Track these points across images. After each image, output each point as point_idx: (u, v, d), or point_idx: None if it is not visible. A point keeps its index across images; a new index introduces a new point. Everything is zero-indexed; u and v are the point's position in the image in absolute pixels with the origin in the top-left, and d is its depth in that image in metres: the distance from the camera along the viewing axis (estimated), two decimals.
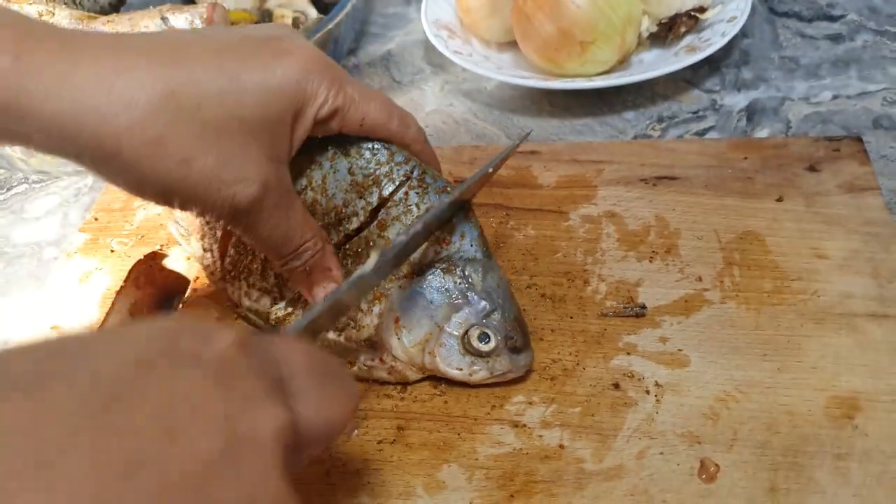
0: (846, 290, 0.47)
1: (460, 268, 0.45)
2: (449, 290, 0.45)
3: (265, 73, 0.39)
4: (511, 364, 0.45)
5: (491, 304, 0.45)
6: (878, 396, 0.42)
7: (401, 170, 0.46)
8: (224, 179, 0.38)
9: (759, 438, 0.41)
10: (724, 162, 0.57)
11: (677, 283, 0.50)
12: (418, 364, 0.45)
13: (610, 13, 0.63)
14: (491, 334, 0.44)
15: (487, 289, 0.45)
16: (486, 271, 0.45)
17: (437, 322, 0.44)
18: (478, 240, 0.46)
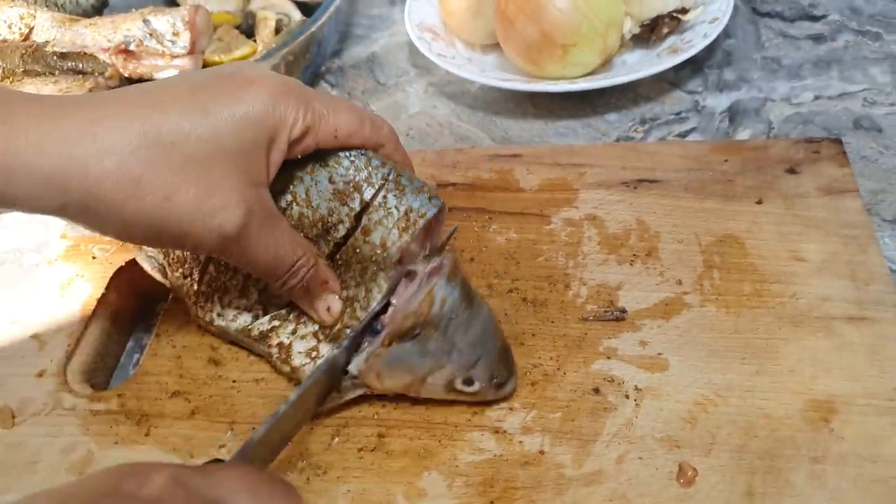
0: (824, 293, 0.48)
1: (441, 330, 0.43)
2: (430, 352, 0.43)
3: (235, 103, 0.40)
4: (495, 395, 0.45)
5: (474, 356, 0.44)
6: (855, 400, 0.43)
7: (378, 174, 0.47)
8: (207, 211, 0.39)
9: (736, 442, 0.42)
10: (705, 164, 0.57)
11: (657, 287, 0.50)
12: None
13: (591, 16, 0.64)
14: (476, 380, 0.44)
15: (470, 342, 0.44)
16: (469, 324, 0.44)
17: (420, 377, 0.44)
18: (458, 299, 0.44)
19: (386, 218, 0.46)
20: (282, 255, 0.43)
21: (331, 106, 0.44)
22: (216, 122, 0.39)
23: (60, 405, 0.49)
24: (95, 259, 0.57)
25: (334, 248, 0.47)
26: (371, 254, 0.46)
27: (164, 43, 0.70)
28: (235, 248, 0.41)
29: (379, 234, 0.46)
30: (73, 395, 0.49)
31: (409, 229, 0.46)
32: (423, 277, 0.45)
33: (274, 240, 0.43)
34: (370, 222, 0.46)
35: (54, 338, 0.53)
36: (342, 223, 0.47)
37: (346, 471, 0.43)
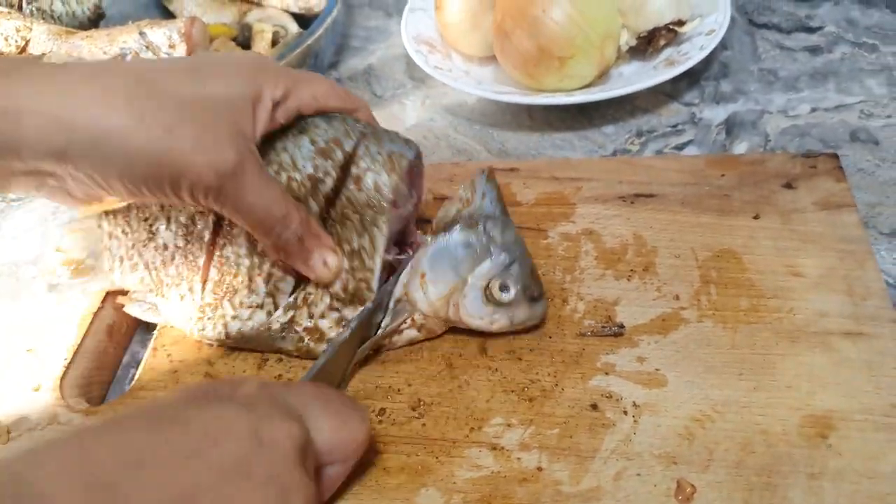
0: (821, 308, 0.48)
1: (481, 224, 0.49)
2: (471, 244, 0.48)
3: (221, 65, 0.45)
4: (529, 313, 0.48)
5: (510, 257, 0.48)
6: (852, 415, 0.43)
7: (355, 128, 0.49)
8: (205, 146, 0.41)
9: (734, 458, 0.42)
10: (702, 179, 0.57)
11: (655, 302, 0.50)
12: (443, 316, 0.48)
13: (588, 29, 0.64)
14: (511, 285, 0.47)
15: (506, 243, 0.48)
16: (504, 227, 0.49)
17: (461, 275, 0.48)
18: (496, 199, 0.51)
19: (372, 164, 0.48)
20: (274, 203, 0.44)
21: (307, 75, 0.48)
22: (205, 77, 0.43)
23: (56, 420, 0.49)
24: None
25: (326, 203, 0.48)
26: (366, 200, 0.48)
27: (161, 55, 0.70)
28: (231, 187, 0.42)
29: (369, 179, 0.48)
30: (69, 410, 0.49)
31: (395, 169, 0.48)
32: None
33: (268, 186, 0.44)
34: (358, 170, 0.48)
35: (50, 352, 0.53)
36: (329, 175, 0.48)
37: (344, 486, 0.43)
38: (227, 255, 0.49)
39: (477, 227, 0.49)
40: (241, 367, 0.50)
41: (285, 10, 0.82)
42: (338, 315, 0.48)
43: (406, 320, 0.49)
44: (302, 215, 0.46)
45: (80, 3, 0.81)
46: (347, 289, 0.48)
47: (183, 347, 0.52)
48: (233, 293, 0.49)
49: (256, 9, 0.83)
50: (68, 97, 0.39)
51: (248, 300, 0.49)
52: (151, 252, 0.51)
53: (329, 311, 0.48)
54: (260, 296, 0.49)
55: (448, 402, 0.46)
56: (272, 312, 0.49)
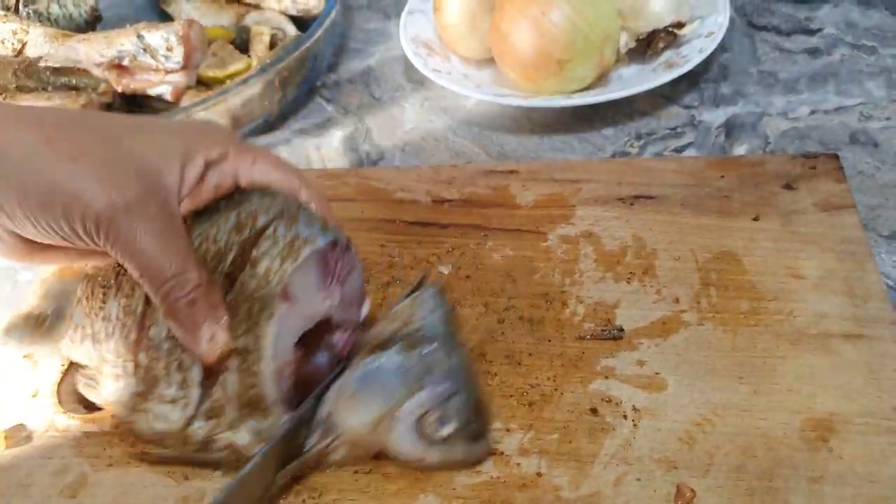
0: (821, 311, 0.48)
1: (422, 347, 0.43)
2: (409, 369, 0.42)
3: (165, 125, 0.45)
4: (467, 452, 0.42)
5: (452, 387, 0.42)
6: (853, 418, 0.42)
7: (278, 205, 0.45)
8: (105, 177, 0.39)
9: (734, 462, 0.41)
10: (701, 180, 0.57)
11: (654, 305, 0.50)
12: (369, 441, 0.43)
13: (587, 31, 0.64)
14: (449, 419, 0.41)
15: (450, 369, 0.43)
16: (451, 351, 0.43)
17: (392, 403, 0.42)
18: (446, 318, 0.44)
19: (272, 247, 0.43)
20: (170, 255, 0.41)
21: (254, 146, 0.47)
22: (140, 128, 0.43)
23: (53, 426, 0.49)
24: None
25: (226, 283, 0.43)
26: (255, 288, 0.42)
27: (158, 58, 0.70)
28: (124, 225, 0.39)
29: (263, 265, 0.43)
30: (67, 416, 0.49)
31: (291, 256, 0.43)
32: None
33: (167, 235, 0.41)
34: (258, 253, 0.43)
35: (47, 357, 0.52)
36: (231, 251, 0.44)
37: (342, 493, 0.43)
38: (151, 335, 0.44)
39: (416, 350, 0.43)
40: None
41: (283, 12, 0.82)
42: (252, 426, 0.43)
43: (333, 442, 0.43)
44: (202, 280, 0.41)
45: (77, 5, 0.81)
46: (243, 394, 0.42)
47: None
48: (155, 383, 0.44)
49: (254, 11, 0.83)
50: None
51: (167, 392, 0.44)
52: (99, 324, 0.46)
53: (238, 421, 0.43)
54: (173, 387, 0.43)
55: None
56: (190, 414, 0.43)
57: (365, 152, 0.70)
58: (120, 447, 0.47)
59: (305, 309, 0.44)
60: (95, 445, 0.47)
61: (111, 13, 0.85)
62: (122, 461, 0.46)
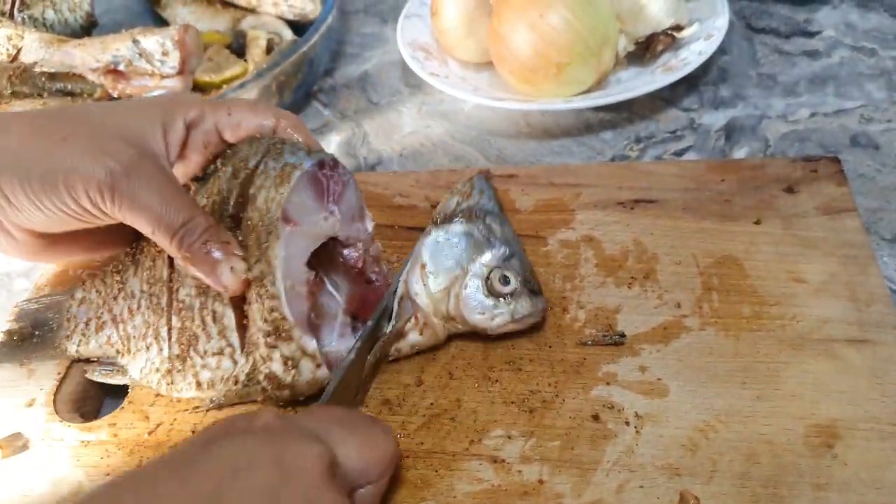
0: (824, 315, 0.47)
1: (481, 217, 0.50)
2: (472, 235, 0.49)
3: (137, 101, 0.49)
4: (531, 306, 0.47)
5: (510, 249, 0.48)
6: (857, 424, 0.42)
7: (264, 145, 0.48)
8: (97, 149, 0.42)
9: (738, 469, 0.41)
10: (702, 184, 0.56)
11: (656, 310, 0.49)
12: (443, 312, 0.48)
13: (586, 34, 0.63)
14: (511, 276, 0.47)
15: (506, 237, 0.49)
16: (502, 222, 0.51)
17: (462, 265, 0.48)
18: (494, 198, 0.52)
19: (265, 181, 0.46)
20: (175, 205, 0.43)
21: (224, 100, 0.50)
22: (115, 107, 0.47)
23: (50, 435, 0.48)
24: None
25: (233, 223, 0.46)
26: (259, 219, 0.46)
27: (154, 63, 0.69)
28: (125, 186, 0.42)
29: (261, 197, 0.46)
30: (63, 425, 0.49)
31: (284, 182, 0.46)
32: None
33: (165, 188, 0.44)
34: (254, 189, 0.46)
35: (43, 366, 0.52)
36: (231, 195, 0.47)
37: None
38: (182, 297, 0.47)
39: (477, 220, 0.49)
40: None
41: (280, 16, 0.82)
42: (280, 355, 0.45)
43: (409, 320, 0.48)
44: (209, 223, 0.44)
45: (73, 10, 0.80)
46: (267, 319, 0.45)
47: None
48: (195, 340, 0.46)
49: (251, 16, 0.82)
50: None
51: (209, 346, 0.46)
52: (120, 304, 0.49)
53: (269, 349, 0.45)
54: (215, 338, 0.46)
55: (447, 414, 0.46)
56: (236, 360, 0.46)
57: (363, 157, 0.70)
58: (117, 456, 0.46)
59: (308, 227, 0.47)
60: (92, 455, 0.47)
61: (107, 18, 0.84)
62: (120, 470, 0.46)
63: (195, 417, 0.48)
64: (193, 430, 0.47)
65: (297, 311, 0.45)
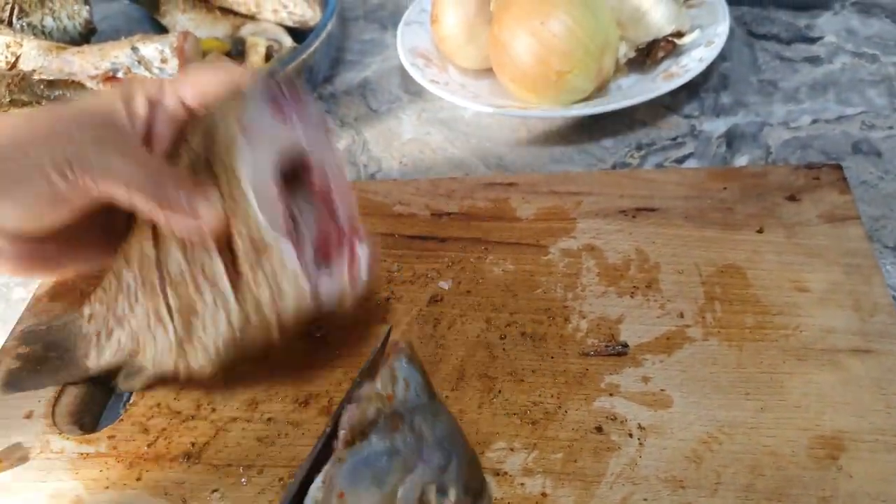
0: (828, 325, 0.47)
1: (407, 422, 0.40)
2: (398, 450, 0.39)
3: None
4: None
5: (445, 456, 0.40)
6: (862, 436, 0.42)
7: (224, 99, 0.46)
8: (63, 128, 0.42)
9: (742, 482, 0.41)
10: (704, 192, 0.56)
11: (659, 320, 0.49)
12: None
13: (587, 41, 0.63)
14: (451, 486, 0.39)
15: (439, 437, 0.40)
16: (435, 417, 0.41)
17: (388, 489, 0.39)
18: (422, 384, 0.42)
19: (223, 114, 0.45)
20: (146, 163, 0.43)
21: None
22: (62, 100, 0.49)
23: (49, 448, 0.48)
24: (84, 295, 0.56)
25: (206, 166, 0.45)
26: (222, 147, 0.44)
27: (153, 70, 0.69)
28: (95, 155, 0.42)
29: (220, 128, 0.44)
30: (62, 438, 0.48)
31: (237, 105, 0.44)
32: None
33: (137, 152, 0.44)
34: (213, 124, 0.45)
35: None
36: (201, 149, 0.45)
37: None
38: (170, 269, 0.45)
39: (402, 428, 0.40)
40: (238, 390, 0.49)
41: (279, 23, 0.81)
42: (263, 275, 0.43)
43: None
44: (175, 171, 0.44)
45: (72, 18, 0.80)
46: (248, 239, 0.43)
47: None
48: (194, 307, 0.45)
49: (250, 23, 0.82)
50: None
51: (207, 307, 0.45)
52: (121, 304, 0.48)
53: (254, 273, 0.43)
54: (209, 295, 0.44)
55: None
56: (230, 309, 0.44)
57: (362, 164, 0.69)
58: (117, 469, 0.46)
59: (269, 140, 0.45)
60: (91, 467, 0.46)
61: (106, 25, 0.84)
62: (119, 483, 0.45)
63: (195, 430, 0.47)
64: (193, 443, 0.47)
65: (270, 217, 0.43)
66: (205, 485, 0.44)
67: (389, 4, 0.92)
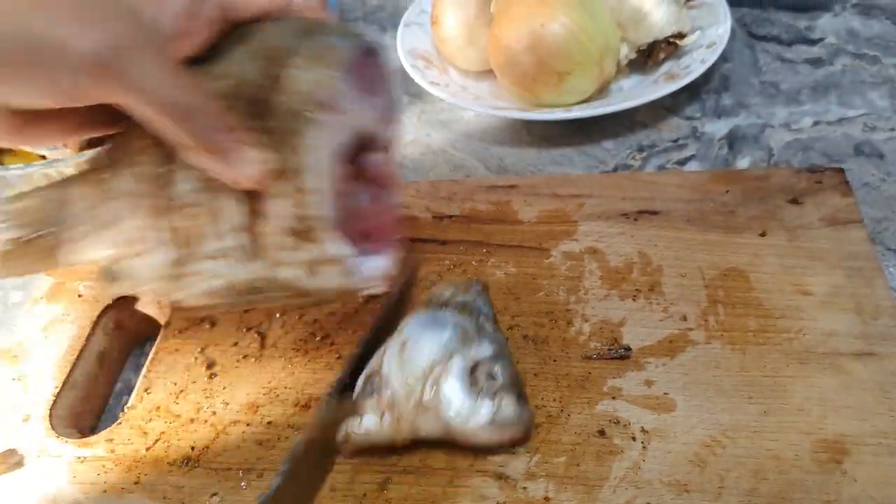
0: (830, 328, 0.47)
1: (475, 315, 0.46)
2: (464, 326, 0.44)
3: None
4: (516, 412, 0.42)
5: (499, 351, 0.45)
6: (865, 439, 0.41)
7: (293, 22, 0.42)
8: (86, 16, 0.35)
9: (746, 486, 0.40)
10: (706, 195, 0.56)
11: (661, 323, 0.49)
12: (416, 399, 0.42)
13: (587, 43, 0.63)
14: (500, 372, 0.43)
15: (498, 340, 0.46)
16: (495, 330, 0.47)
17: (448, 350, 0.43)
18: (489, 305, 0.48)
19: (299, 60, 0.39)
20: (187, 86, 0.37)
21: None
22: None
23: (46, 452, 0.47)
24: (81, 297, 0.56)
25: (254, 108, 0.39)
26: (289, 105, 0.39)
27: None
28: (127, 65, 0.35)
29: (294, 79, 0.39)
30: (60, 441, 0.48)
31: (323, 64, 0.39)
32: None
33: (169, 67, 0.37)
34: (284, 70, 0.39)
35: (39, 381, 0.51)
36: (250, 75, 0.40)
37: None
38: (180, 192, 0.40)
39: (470, 316, 0.46)
40: (239, 394, 0.49)
41: None
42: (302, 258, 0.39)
43: (371, 395, 0.43)
44: (220, 108, 0.38)
45: None
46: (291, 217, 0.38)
47: (177, 374, 0.50)
48: (197, 241, 0.40)
49: None
50: None
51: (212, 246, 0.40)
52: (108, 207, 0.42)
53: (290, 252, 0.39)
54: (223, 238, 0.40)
55: None
56: (246, 263, 0.40)
57: None
58: (115, 473, 0.46)
59: (345, 117, 0.40)
60: (89, 471, 0.46)
61: None
62: (118, 487, 0.45)
63: (195, 433, 0.47)
64: (192, 446, 0.46)
65: (327, 210, 0.39)
66: (204, 489, 0.44)
67: (389, 6, 0.91)
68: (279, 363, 0.50)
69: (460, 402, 0.42)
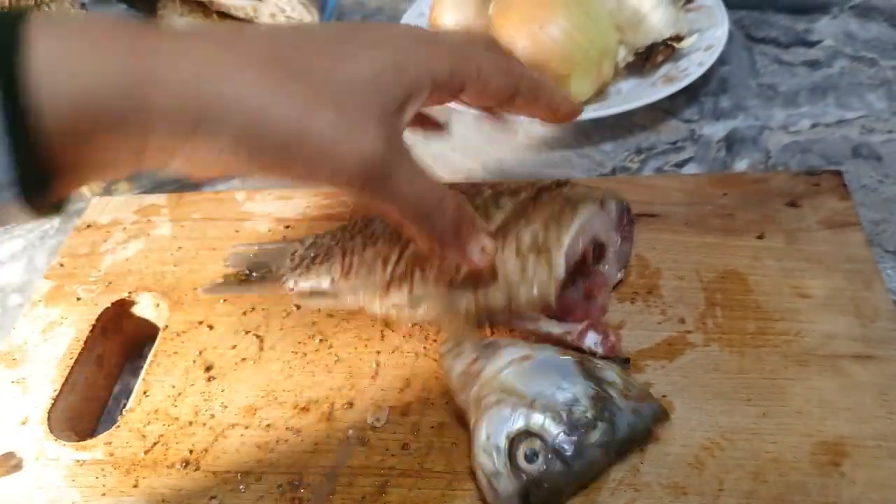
0: (829, 331, 0.47)
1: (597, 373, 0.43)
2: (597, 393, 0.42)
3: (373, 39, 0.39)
4: None
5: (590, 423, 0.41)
6: (865, 442, 0.41)
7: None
8: (347, 129, 0.35)
9: (745, 488, 0.40)
10: (704, 198, 0.56)
11: (659, 326, 0.49)
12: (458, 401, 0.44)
13: (586, 45, 0.63)
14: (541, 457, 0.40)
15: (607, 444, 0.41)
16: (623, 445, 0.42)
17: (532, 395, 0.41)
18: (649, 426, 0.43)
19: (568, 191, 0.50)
20: (427, 189, 0.39)
21: (469, 47, 0.42)
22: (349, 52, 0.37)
23: (44, 455, 0.47)
24: (80, 300, 0.55)
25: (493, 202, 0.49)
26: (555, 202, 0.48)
27: None
28: (380, 177, 0.36)
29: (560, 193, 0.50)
30: (58, 444, 0.48)
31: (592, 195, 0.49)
32: None
33: (417, 174, 0.39)
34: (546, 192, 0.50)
35: (38, 383, 0.51)
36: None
37: None
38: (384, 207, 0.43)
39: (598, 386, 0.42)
40: (238, 396, 0.49)
41: None
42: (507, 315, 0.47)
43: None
44: (457, 200, 0.41)
45: None
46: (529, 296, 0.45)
47: (175, 377, 0.50)
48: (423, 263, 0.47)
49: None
50: (202, 68, 0.33)
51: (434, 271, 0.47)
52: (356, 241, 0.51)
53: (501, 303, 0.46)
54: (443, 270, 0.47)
55: (449, 432, 0.45)
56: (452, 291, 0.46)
57: None
58: (113, 476, 0.46)
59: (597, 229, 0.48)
60: (88, 474, 0.46)
61: None
62: (116, 490, 0.45)
63: (193, 436, 0.47)
64: (191, 449, 0.46)
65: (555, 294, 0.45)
66: (203, 492, 0.44)
67: (387, 8, 0.92)
68: (277, 366, 0.50)
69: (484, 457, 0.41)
